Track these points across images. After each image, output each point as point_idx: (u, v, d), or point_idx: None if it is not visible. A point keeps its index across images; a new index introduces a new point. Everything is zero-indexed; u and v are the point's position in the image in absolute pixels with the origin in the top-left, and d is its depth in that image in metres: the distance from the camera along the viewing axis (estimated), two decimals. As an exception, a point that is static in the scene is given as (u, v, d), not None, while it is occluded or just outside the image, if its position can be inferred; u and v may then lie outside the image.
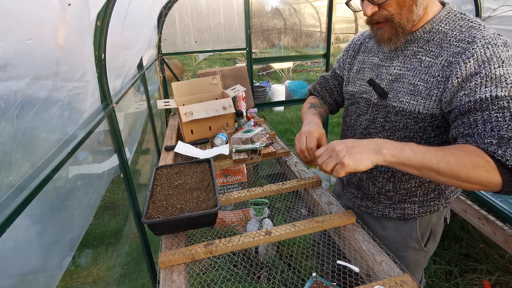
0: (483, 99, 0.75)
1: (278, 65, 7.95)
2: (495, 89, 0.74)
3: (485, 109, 0.75)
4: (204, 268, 1.35)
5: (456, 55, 0.82)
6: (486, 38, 0.79)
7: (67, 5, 0.83)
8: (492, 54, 0.77)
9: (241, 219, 2.18)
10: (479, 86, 0.76)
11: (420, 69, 0.89)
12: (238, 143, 1.81)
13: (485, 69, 0.76)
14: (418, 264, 1.13)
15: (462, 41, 0.82)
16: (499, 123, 0.72)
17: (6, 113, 0.67)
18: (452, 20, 0.87)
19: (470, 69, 0.78)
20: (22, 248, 0.75)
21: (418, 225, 1.05)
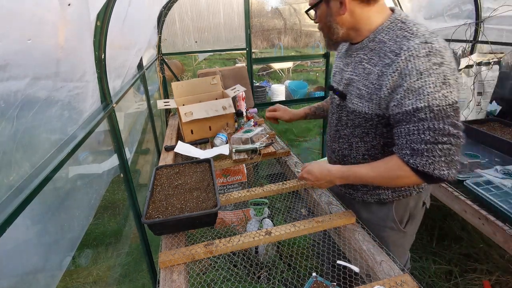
0: (407, 111, 0.87)
1: (278, 65, 7.94)
2: (415, 101, 0.85)
3: (408, 121, 0.88)
4: (204, 268, 1.35)
5: (387, 66, 0.91)
6: (410, 50, 0.86)
7: (67, 5, 0.83)
8: (412, 67, 0.85)
9: (241, 219, 2.18)
10: (403, 98, 0.87)
11: (363, 75, 1.01)
12: (238, 143, 1.81)
13: (406, 82, 0.86)
14: (397, 244, 1.23)
15: (392, 53, 0.91)
16: (414, 136, 0.87)
17: (6, 113, 0.67)
18: (392, 30, 0.95)
19: (395, 81, 0.89)
20: (22, 248, 0.75)
21: (394, 208, 1.16)
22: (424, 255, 2.09)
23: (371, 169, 1.00)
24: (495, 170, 1.66)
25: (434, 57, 0.84)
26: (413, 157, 0.88)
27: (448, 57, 0.86)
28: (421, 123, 0.85)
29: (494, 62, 2.14)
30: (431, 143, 0.85)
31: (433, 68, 0.83)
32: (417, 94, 0.84)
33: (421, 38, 0.87)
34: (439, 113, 0.84)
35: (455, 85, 0.86)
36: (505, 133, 1.98)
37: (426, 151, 0.86)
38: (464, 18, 2.62)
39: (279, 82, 7.17)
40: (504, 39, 2.37)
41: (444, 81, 0.84)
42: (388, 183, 1.01)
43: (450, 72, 0.85)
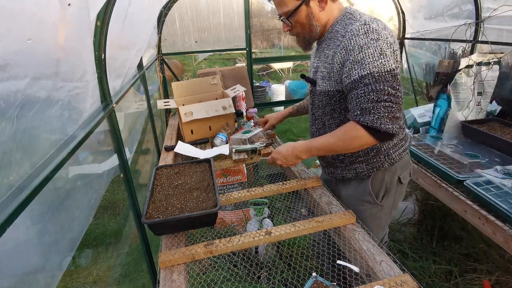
0: (355, 80, 1.04)
1: (278, 65, 7.94)
2: (360, 70, 1.02)
3: (356, 87, 1.04)
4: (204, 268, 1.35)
5: (337, 47, 1.10)
6: (352, 31, 1.05)
7: (67, 5, 0.83)
8: (354, 43, 1.03)
9: (241, 219, 2.18)
10: (350, 70, 1.05)
11: (324, 59, 1.18)
12: (237, 143, 1.81)
13: (351, 56, 1.04)
14: (375, 217, 1.33)
15: (341, 36, 1.10)
16: (362, 98, 1.03)
17: (6, 113, 0.67)
18: (343, 20, 1.14)
19: (343, 57, 1.07)
20: (22, 248, 0.75)
21: (371, 182, 1.27)
22: (424, 255, 2.09)
23: (330, 136, 1.15)
24: (495, 170, 1.66)
25: (371, 34, 1.02)
26: (362, 115, 1.04)
27: (384, 34, 1.03)
28: (366, 87, 1.02)
29: (494, 62, 2.14)
30: (375, 101, 1.01)
31: (371, 42, 1.01)
32: (360, 64, 1.02)
33: (361, 21, 1.06)
34: (380, 78, 1.00)
35: (391, 56, 1.02)
36: (505, 133, 1.98)
37: (372, 108, 1.02)
38: (464, 18, 2.62)
39: (279, 82, 7.17)
40: (504, 39, 2.37)
41: (381, 52, 1.01)
42: (347, 145, 1.12)
43: (386, 45, 1.02)
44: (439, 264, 2.01)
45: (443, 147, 2.03)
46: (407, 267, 1.94)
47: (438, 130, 2.24)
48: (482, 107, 2.22)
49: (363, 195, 1.30)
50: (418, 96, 3.79)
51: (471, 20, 2.56)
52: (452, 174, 1.71)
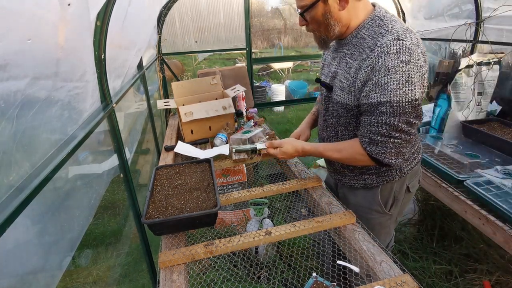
0: (372, 103, 0.98)
1: (278, 65, 7.94)
2: (380, 95, 0.95)
3: (371, 112, 0.99)
4: (204, 268, 1.35)
5: (363, 61, 1.00)
6: (382, 46, 0.94)
7: (67, 5, 0.83)
8: (382, 63, 0.93)
9: (241, 219, 2.18)
10: (371, 91, 0.97)
11: (346, 69, 1.09)
12: (237, 143, 1.81)
13: (376, 77, 0.95)
14: (383, 225, 1.32)
15: (369, 48, 0.99)
16: (373, 128, 1.00)
17: (6, 113, 0.67)
18: (372, 26, 1.03)
19: (368, 75, 0.98)
20: (22, 248, 0.75)
21: (380, 192, 1.24)
22: (424, 255, 2.09)
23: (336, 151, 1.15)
24: (495, 170, 1.66)
25: (403, 54, 0.91)
26: (370, 145, 1.03)
27: (416, 54, 0.93)
28: (381, 117, 0.97)
29: (494, 62, 2.14)
30: (386, 136, 0.99)
31: (400, 66, 0.91)
32: (382, 89, 0.94)
33: (394, 35, 0.94)
34: (398, 109, 0.94)
35: (418, 82, 0.94)
36: (505, 133, 1.98)
37: (380, 142, 1.01)
38: (464, 18, 2.62)
39: (279, 82, 7.17)
40: (504, 39, 2.37)
41: (408, 79, 0.92)
42: (349, 163, 1.16)
43: (415, 69, 0.92)
44: (439, 264, 2.01)
45: (443, 147, 2.03)
46: (407, 267, 1.93)
47: (438, 130, 2.23)
48: (482, 107, 2.22)
49: (372, 205, 1.27)
50: (418, 96, 3.78)
51: (471, 20, 2.56)
52: (452, 174, 1.71)
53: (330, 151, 1.16)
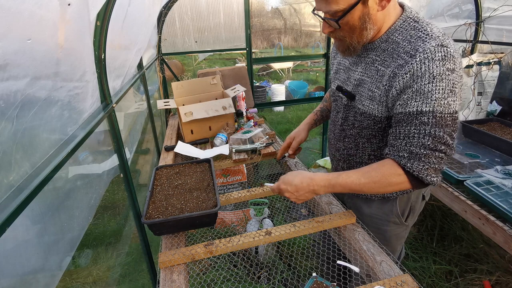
0: (411, 112, 0.86)
1: (278, 65, 7.94)
2: (421, 104, 0.84)
3: (409, 123, 0.87)
4: (204, 268, 1.35)
5: (400, 67, 0.88)
6: (426, 52, 0.84)
7: (67, 5, 0.83)
8: (426, 70, 0.83)
9: (241, 219, 2.18)
10: (410, 100, 0.86)
11: (376, 77, 0.97)
12: (237, 143, 1.81)
13: (417, 84, 0.84)
14: (399, 236, 1.25)
15: (407, 54, 0.88)
16: (414, 139, 0.87)
17: (6, 113, 0.67)
18: (406, 30, 0.92)
19: (406, 82, 0.86)
20: (22, 248, 0.75)
21: (398, 204, 1.16)
22: (424, 255, 2.09)
23: (361, 175, 0.93)
24: (495, 170, 1.66)
25: (448, 62, 0.82)
26: (410, 160, 0.88)
27: (459, 63, 0.85)
28: (422, 127, 0.85)
29: (495, 62, 2.14)
30: (430, 149, 0.86)
31: (446, 74, 0.82)
32: (425, 97, 0.84)
33: (437, 40, 0.84)
34: (441, 120, 0.84)
35: (459, 94, 0.86)
36: (505, 133, 1.98)
37: (424, 156, 0.86)
38: (464, 18, 2.62)
39: (279, 82, 7.18)
40: (505, 39, 2.37)
41: (452, 88, 0.83)
42: (380, 189, 0.93)
43: (458, 80, 0.84)
44: (439, 264, 2.01)
45: (443, 147, 2.03)
46: (407, 267, 1.94)
47: (438, 130, 2.23)
48: (483, 107, 2.22)
49: (389, 216, 1.19)
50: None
51: (471, 20, 2.56)
52: (453, 174, 1.71)
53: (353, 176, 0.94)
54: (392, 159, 0.92)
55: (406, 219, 1.21)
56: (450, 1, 2.77)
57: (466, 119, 2.17)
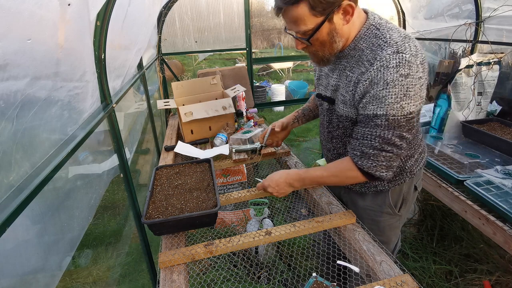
0: (368, 115, 0.97)
1: (278, 65, 7.94)
2: (376, 108, 0.94)
3: (366, 124, 0.98)
4: (204, 268, 1.35)
5: (362, 74, 0.98)
6: (382, 60, 0.92)
7: (67, 5, 0.83)
8: (381, 77, 0.91)
9: (241, 219, 2.18)
10: (368, 103, 0.96)
11: (346, 82, 1.05)
12: (237, 143, 1.81)
13: (374, 90, 0.94)
14: (393, 226, 1.32)
15: (368, 62, 0.97)
16: (366, 140, 0.99)
17: (6, 113, 0.67)
18: (369, 37, 0.99)
19: (366, 88, 0.96)
20: (22, 248, 0.75)
21: (390, 195, 1.24)
22: (424, 255, 2.09)
23: (324, 170, 1.11)
24: (495, 170, 1.66)
25: (402, 67, 0.89)
26: (361, 158, 1.01)
27: (416, 66, 0.91)
28: (375, 129, 0.96)
29: (495, 62, 2.14)
30: (378, 150, 0.98)
31: (399, 80, 0.90)
32: (380, 102, 0.93)
33: (393, 47, 0.92)
34: (393, 123, 0.94)
35: (416, 95, 0.93)
36: (505, 133, 1.98)
37: (372, 155, 0.99)
38: (464, 18, 2.62)
39: (279, 82, 7.18)
40: (505, 39, 2.37)
41: (406, 92, 0.91)
42: (340, 182, 1.13)
43: (414, 82, 0.91)
44: (439, 264, 2.01)
45: (443, 147, 2.03)
46: (407, 267, 1.94)
47: (438, 130, 2.23)
48: (482, 107, 2.22)
49: (382, 207, 1.26)
50: (418, 96, 3.78)
51: (471, 20, 2.56)
52: (452, 174, 1.71)
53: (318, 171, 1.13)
54: (349, 156, 1.06)
55: (399, 210, 1.28)
56: (450, 1, 2.76)
57: (466, 119, 2.17)
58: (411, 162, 1.20)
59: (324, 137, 1.30)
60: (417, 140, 1.19)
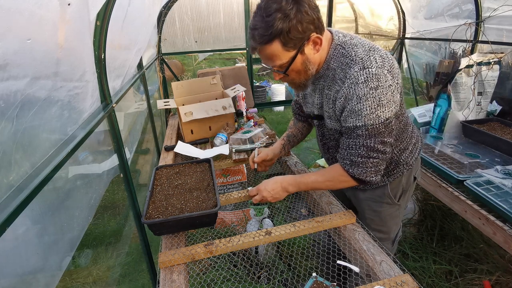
0: (349, 127, 1.04)
1: (278, 65, 7.91)
2: (355, 120, 1.02)
3: (349, 135, 1.06)
4: (204, 268, 1.35)
5: (337, 92, 1.06)
6: (351, 78, 1.00)
7: (67, 5, 0.83)
8: (353, 93, 0.99)
9: (241, 219, 2.18)
10: (347, 117, 1.04)
11: (327, 100, 1.13)
12: (237, 143, 1.81)
13: (349, 105, 1.01)
14: (393, 215, 1.38)
15: (341, 80, 1.04)
16: (352, 150, 1.06)
17: (6, 113, 0.67)
18: (337, 57, 1.06)
19: (342, 104, 1.04)
20: (22, 248, 0.75)
21: (389, 187, 1.30)
22: (424, 255, 2.09)
23: (319, 176, 1.17)
24: (495, 170, 1.66)
25: (371, 81, 0.96)
26: (351, 167, 1.08)
27: (384, 76, 0.97)
28: (358, 139, 1.04)
29: (495, 62, 2.14)
30: (365, 157, 1.05)
31: (370, 93, 0.97)
32: (357, 115, 1.00)
33: (359, 64, 0.99)
34: (373, 131, 1.01)
35: (389, 102, 0.99)
36: (505, 133, 1.98)
37: (361, 163, 1.06)
38: (465, 18, 2.62)
39: (279, 82, 7.17)
40: (505, 39, 2.37)
41: (379, 102, 0.98)
42: (334, 186, 1.18)
43: (384, 92, 0.97)
44: (439, 264, 2.01)
45: (443, 147, 2.03)
46: (407, 267, 1.94)
47: (438, 130, 2.23)
48: (482, 107, 2.22)
49: (382, 198, 1.32)
50: (418, 96, 3.79)
51: (471, 20, 2.56)
52: (452, 174, 1.71)
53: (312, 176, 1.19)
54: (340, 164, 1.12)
55: (399, 200, 1.34)
56: (450, 1, 2.77)
57: (466, 119, 2.17)
58: (405, 154, 1.25)
59: (321, 148, 1.40)
60: (407, 133, 1.23)
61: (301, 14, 0.93)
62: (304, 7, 0.93)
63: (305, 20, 0.94)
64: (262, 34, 0.95)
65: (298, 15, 0.93)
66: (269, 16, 0.93)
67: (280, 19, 0.92)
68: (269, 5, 0.93)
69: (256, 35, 0.97)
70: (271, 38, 0.95)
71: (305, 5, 0.94)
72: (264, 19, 0.94)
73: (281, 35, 0.94)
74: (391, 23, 3.58)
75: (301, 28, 0.95)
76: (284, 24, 0.93)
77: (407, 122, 1.22)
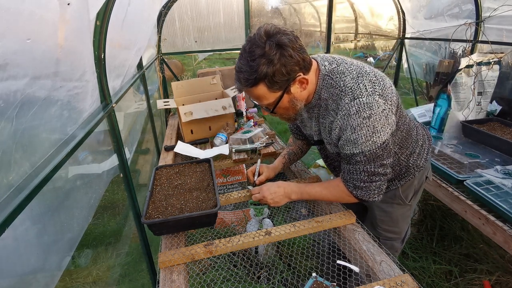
0: (347, 154, 1.06)
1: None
2: (352, 148, 1.03)
3: (348, 161, 1.08)
4: (204, 268, 1.35)
5: (332, 123, 1.07)
6: (343, 109, 1.00)
7: (67, 5, 0.83)
8: (347, 124, 1.00)
9: (241, 219, 2.18)
10: (344, 145, 1.05)
11: (323, 128, 1.15)
12: (237, 143, 1.81)
13: (345, 135, 1.03)
14: (405, 215, 1.39)
15: (334, 111, 1.05)
16: (354, 175, 1.08)
17: (6, 113, 0.67)
18: (327, 88, 1.06)
19: (338, 134, 1.05)
20: (21, 248, 0.75)
21: (401, 189, 1.30)
22: (424, 255, 2.09)
23: (324, 188, 1.20)
24: (495, 170, 1.66)
25: (363, 111, 0.97)
26: (355, 189, 1.10)
27: (376, 103, 0.97)
28: (358, 165, 1.05)
29: (495, 62, 2.14)
30: (368, 182, 1.07)
31: (363, 122, 0.97)
32: (353, 143, 1.01)
33: (349, 95, 0.99)
34: (371, 156, 1.02)
35: (384, 125, 0.99)
36: (505, 133, 1.98)
37: (364, 187, 1.08)
38: (464, 18, 2.62)
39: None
40: (505, 39, 2.37)
41: (374, 129, 0.98)
42: (337, 200, 1.23)
43: (378, 118, 0.97)
44: (439, 264, 2.01)
45: (443, 147, 2.03)
46: (407, 267, 1.94)
47: (438, 130, 2.23)
48: (482, 107, 2.22)
49: (393, 199, 1.32)
50: (418, 96, 3.79)
51: (471, 20, 2.56)
52: (452, 174, 1.71)
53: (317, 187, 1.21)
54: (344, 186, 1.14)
55: (410, 200, 1.34)
56: (450, 1, 2.77)
57: (466, 119, 2.17)
58: (413, 158, 1.25)
59: (327, 166, 1.42)
60: (412, 137, 1.22)
61: (285, 58, 0.94)
62: (287, 51, 0.94)
63: (289, 63, 0.95)
64: (247, 78, 0.96)
65: (282, 59, 0.94)
66: (253, 61, 0.94)
67: (264, 64, 0.93)
68: (253, 50, 0.94)
69: (242, 79, 0.98)
70: (256, 81, 0.97)
71: (288, 49, 0.94)
72: (249, 63, 0.95)
73: (266, 79, 0.96)
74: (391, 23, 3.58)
75: (285, 71, 0.96)
76: (268, 69, 0.94)
77: (409, 127, 1.21)
